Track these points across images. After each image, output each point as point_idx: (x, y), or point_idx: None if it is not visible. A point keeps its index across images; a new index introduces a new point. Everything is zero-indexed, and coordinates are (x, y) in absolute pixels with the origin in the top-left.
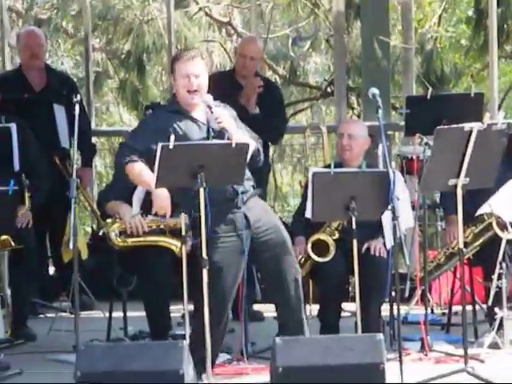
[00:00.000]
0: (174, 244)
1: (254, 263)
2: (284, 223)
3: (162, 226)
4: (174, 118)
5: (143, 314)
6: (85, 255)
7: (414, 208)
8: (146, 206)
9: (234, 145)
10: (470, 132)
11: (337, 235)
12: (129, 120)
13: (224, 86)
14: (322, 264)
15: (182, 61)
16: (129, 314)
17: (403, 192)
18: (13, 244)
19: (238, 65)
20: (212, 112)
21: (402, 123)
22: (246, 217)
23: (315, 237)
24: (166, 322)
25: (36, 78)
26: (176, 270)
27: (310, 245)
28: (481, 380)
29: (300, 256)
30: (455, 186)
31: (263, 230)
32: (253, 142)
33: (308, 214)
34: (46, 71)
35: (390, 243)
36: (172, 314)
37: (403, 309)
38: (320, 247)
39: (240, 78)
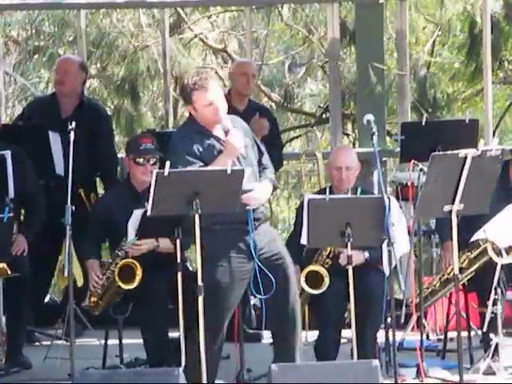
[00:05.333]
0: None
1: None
2: None
3: (113, 269)
4: (199, 139)
5: (139, 341)
6: (80, 282)
7: (409, 234)
8: (142, 232)
9: (229, 171)
10: (465, 158)
11: (329, 263)
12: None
13: None
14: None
15: (199, 90)
16: (125, 341)
17: (399, 218)
18: (9, 272)
19: (238, 84)
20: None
21: (397, 149)
22: (253, 241)
23: (308, 269)
24: (164, 350)
25: (66, 105)
26: (173, 296)
27: (303, 279)
28: None
29: None
30: (450, 212)
31: (268, 257)
32: (268, 185)
33: (303, 240)
34: (79, 101)
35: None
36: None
37: (399, 335)
38: (314, 278)
39: (236, 102)
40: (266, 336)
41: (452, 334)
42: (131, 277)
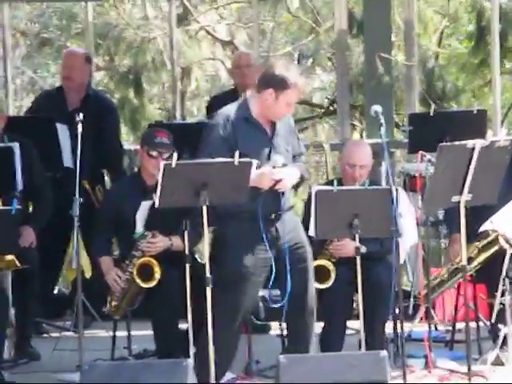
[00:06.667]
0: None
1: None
2: None
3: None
4: (245, 126)
5: (147, 332)
6: (88, 273)
7: (417, 225)
8: (150, 224)
9: (236, 163)
10: (473, 149)
11: (337, 257)
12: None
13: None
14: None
15: (295, 89)
16: (133, 332)
17: (408, 209)
18: (18, 264)
19: (236, 79)
20: None
21: (405, 140)
22: (276, 230)
23: (314, 263)
24: (173, 342)
25: (73, 97)
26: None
27: None
28: None
29: None
30: (458, 202)
31: (290, 246)
32: (297, 172)
33: (311, 232)
34: (86, 93)
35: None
36: None
37: (407, 326)
38: (320, 272)
39: (243, 92)
40: (274, 327)
41: (460, 325)
42: (149, 275)
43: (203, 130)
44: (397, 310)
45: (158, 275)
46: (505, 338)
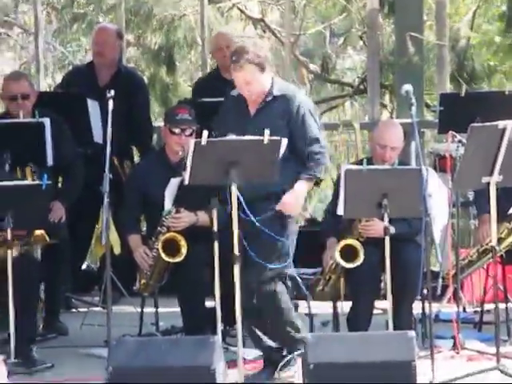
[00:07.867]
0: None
1: None
2: (314, 220)
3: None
4: (231, 103)
5: (175, 309)
6: (117, 250)
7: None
8: (179, 201)
9: (266, 141)
10: (504, 130)
11: (365, 236)
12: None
13: (212, 87)
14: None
15: (233, 69)
16: (160, 309)
17: (440, 189)
18: (47, 239)
19: (218, 61)
20: None
21: (436, 120)
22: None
23: (343, 243)
24: (200, 318)
25: (104, 73)
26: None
27: (338, 253)
28: None
29: (331, 261)
30: (488, 183)
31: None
32: None
33: (340, 211)
34: (116, 69)
35: (438, 238)
36: None
37: (435, 306)
38: (349, 251)
39: (226, 74)
40: (302, 306)
41: (489, 306)
42: (175, 250)
43: None
44: (425, 291)
45: (184, 249)
46: None
